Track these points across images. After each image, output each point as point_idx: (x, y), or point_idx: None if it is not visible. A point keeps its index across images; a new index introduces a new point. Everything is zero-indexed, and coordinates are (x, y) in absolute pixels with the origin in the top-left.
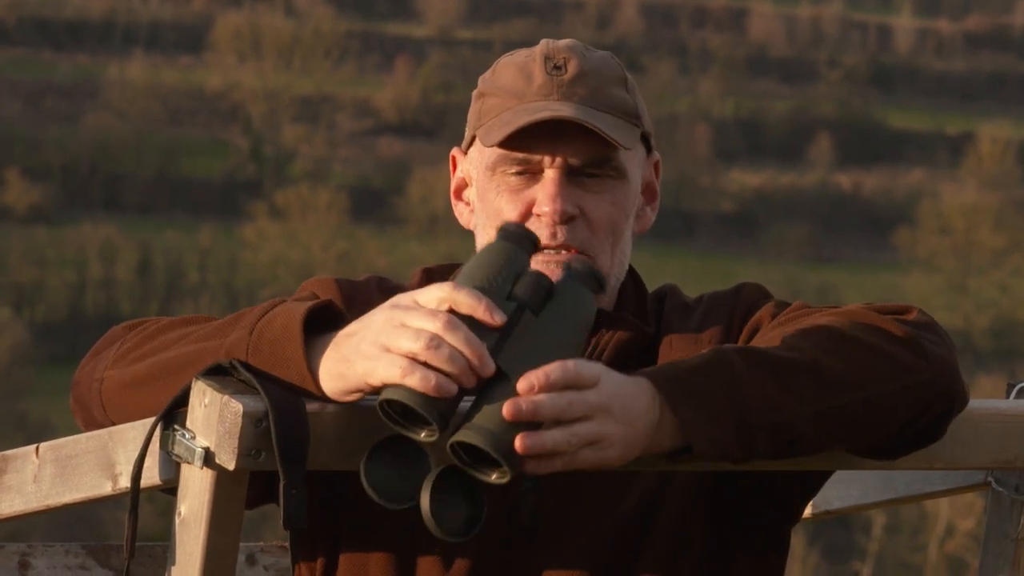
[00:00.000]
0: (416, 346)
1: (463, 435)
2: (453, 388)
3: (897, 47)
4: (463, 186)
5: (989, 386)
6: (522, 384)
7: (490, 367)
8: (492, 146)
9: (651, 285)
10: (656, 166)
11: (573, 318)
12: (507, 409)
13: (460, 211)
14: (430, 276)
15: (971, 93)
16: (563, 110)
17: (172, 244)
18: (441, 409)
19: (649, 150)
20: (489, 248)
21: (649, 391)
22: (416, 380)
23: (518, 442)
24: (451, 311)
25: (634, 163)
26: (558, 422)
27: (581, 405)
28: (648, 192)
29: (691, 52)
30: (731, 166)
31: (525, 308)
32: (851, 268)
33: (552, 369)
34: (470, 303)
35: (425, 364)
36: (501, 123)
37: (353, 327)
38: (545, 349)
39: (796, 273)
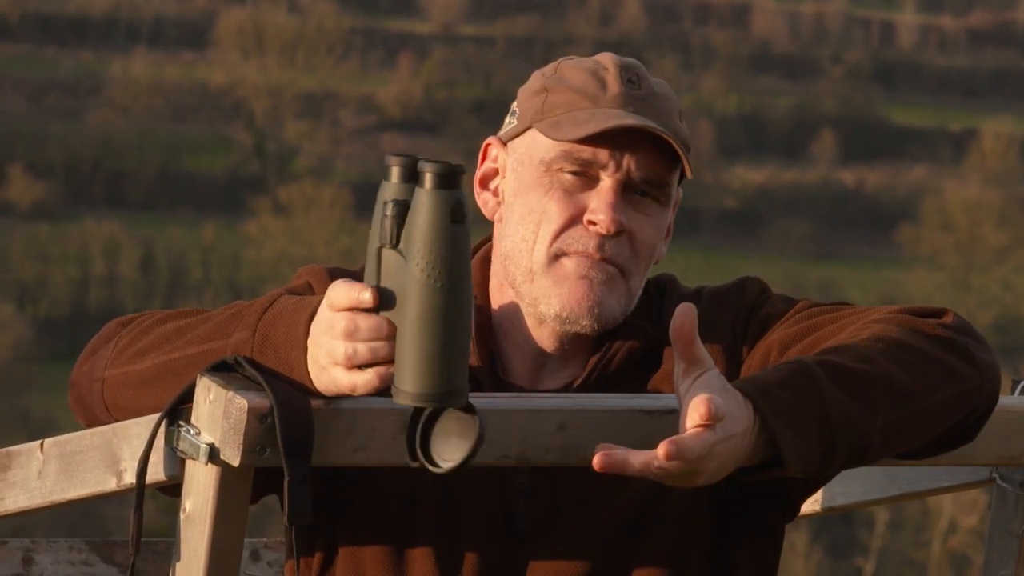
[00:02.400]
0: (340, 357)
1: (396, 400)
2: (390, 373)
3: (900, 43)
4: (492, 175)
5: None
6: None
7: None
8: (567, 141)
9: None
10: (676, 203)
11: (429, 232)
12: (599, 462)
13: (485, 200)
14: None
15: (974, 89)
16: (648, 122)
17: (175, 240)
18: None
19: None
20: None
21: (752, 414)
22: (362, 388)
23: (599, 459)
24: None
25: (675, 193)
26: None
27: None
28: (668, 225)
29: (694, 48)
30: (734, 162)
31: (382, 248)
32: (854, 264)
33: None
34: (344, 297)
35: (363, 365)
36: (575, 120)
37: (312, 327)
38: (415, 283)
39: (799, 269)
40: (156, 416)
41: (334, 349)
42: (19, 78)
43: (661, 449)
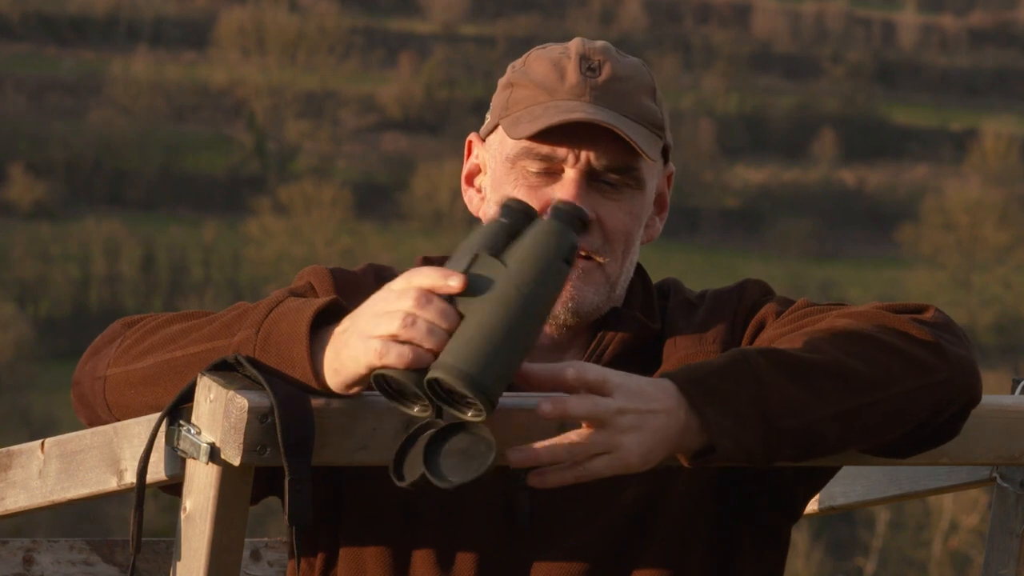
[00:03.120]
0: (393, 327)
1: (432, 372)
2: (430, 358)
3: (901, 43)
4: (476, 172)
5: (993, 382)
6: (543, 407)
7: None
8: (519, 139)
9: (654, 280)
10: (669, 177)
11: (534, 251)
12: (515, 459)
13: (470, 197)
14: (429, 264)
15: (975, 89)
16: (596, 114)
17: (176, 240)
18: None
19: (666, 161)
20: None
21: (674, 394)
22: (392, 358)
23: (510, 455)
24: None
25: (651, 173)
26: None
27: (596, 412)
28: (659, 202)
29: (695, 48)
30: (735, 162)
31: (479, 252)
32: (855, 264)
33: (565, 372)
34: (427, 278)
35: (408, 342)
36: (530, 117)
37: (345, 323)
38: (504, 282)
39: (800, 269)
40: (157, 415)
41: (393, 315)
42: (20, 77)
43: (541, 405)
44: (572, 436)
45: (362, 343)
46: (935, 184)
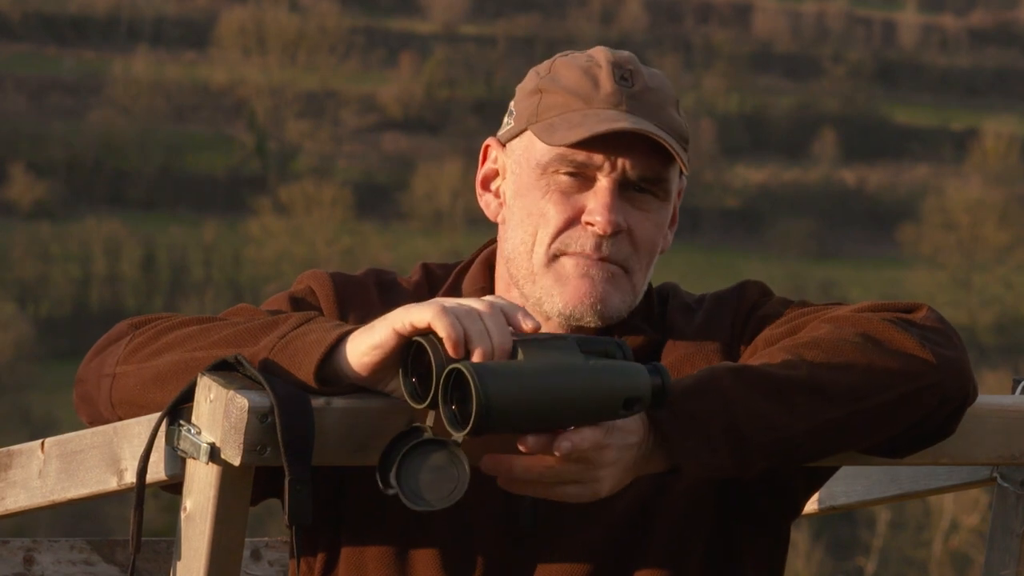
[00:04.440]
0: (458, 310)
1: (462, 365)
2: (464, 353)
3: (902, 43)
4: (493, 176)
5: (994, 382)
6: (528, 439)
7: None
8: (561, 146)
9: (655, 281)
10: (681, 191)
11: (613, 374)
12: (485, 464)
13: (487, 202)
14: (429, 272)
15: (976, 89)
16: (637, 123)
17: (176, 240)
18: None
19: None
20: None
21: (643, 424)
22: (444, 325)
23: (485, 460)
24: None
25: (675, 186)
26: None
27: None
28: (672, 215)
29: (695, 48)
30: (735, 162)
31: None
32: (855, 264)
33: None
34: (507, 303)
35: (462, 328)
36: (569, 124)
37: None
38: (576, 358)
39: (800, 269)
40: (157, 415)
41: (462, 304)
42: (21, 77)
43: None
44: (550, 461)
45: (426, 305)
46: (936, 184)
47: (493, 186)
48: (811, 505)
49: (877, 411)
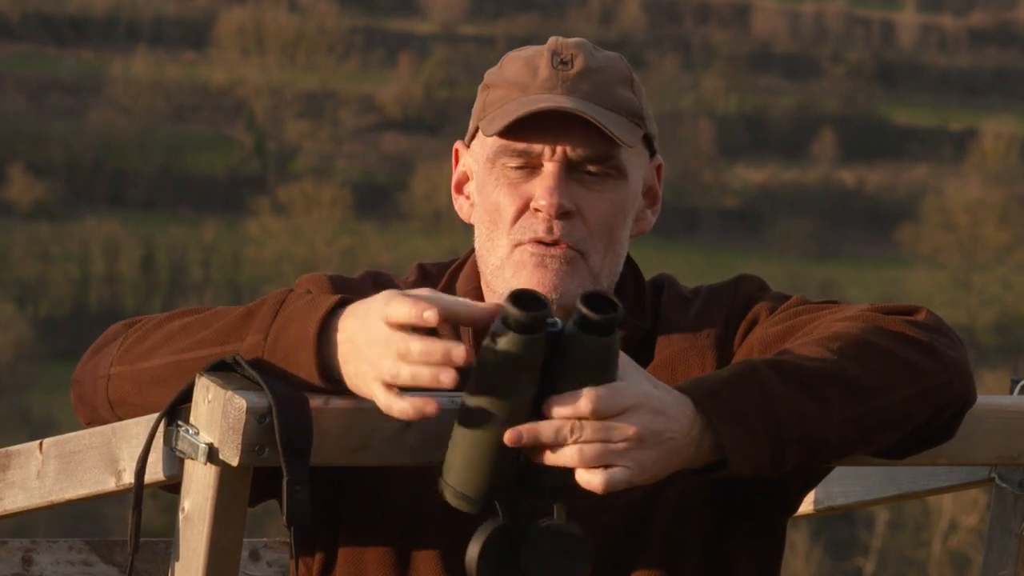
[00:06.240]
0: (387, 379)
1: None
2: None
3: (901, 43)
4: (464, 180)
5: (993, 382)
6: (556, 410)
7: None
8: (492, 135)
9: (649, 276)
10: (659, 170)
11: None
12: (509, 436)
13: (460, 205)
14: (425, 272)
15: (975, 89)
16: (565, 102)
17: (176, 240)
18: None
19: (652, 153)
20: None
21: (691, 410)
22: (396, 414)
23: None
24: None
25: (635, 164)
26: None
27: (613, 434)
28: (649, 195)
29: (695, 48)
30: (735, 162)
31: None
32: (854, 264)
33: (584, 398)
34: (400, 317)
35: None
36: (503, 113)
37: (350, 328)
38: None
39: (799, 269)
40: (155, 416)
41: (380, 366)
42: (20, 77)
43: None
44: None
45: (366, 387)
46: (935, 184)
47: (466, 190)
48: (809, 505)
49: (893, 408)
